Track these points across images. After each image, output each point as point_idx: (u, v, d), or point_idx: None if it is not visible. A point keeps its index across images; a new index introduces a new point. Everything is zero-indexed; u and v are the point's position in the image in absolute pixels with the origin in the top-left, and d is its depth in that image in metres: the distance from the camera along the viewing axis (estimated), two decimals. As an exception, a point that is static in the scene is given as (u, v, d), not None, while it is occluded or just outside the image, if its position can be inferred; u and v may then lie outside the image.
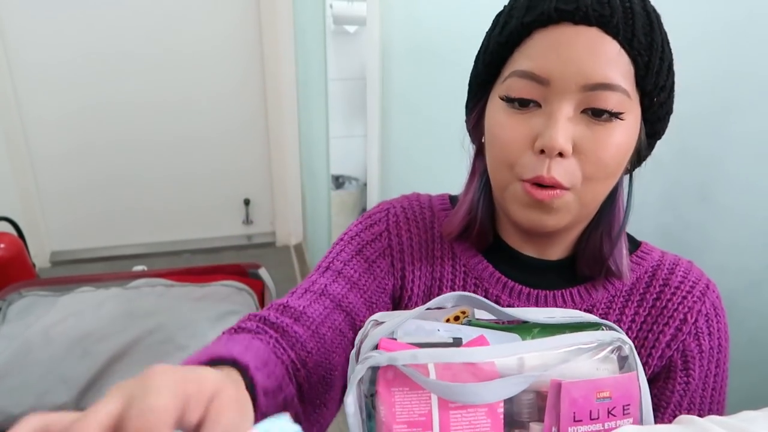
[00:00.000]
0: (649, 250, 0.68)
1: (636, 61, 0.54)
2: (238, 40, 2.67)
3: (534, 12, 0.54)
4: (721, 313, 0.66)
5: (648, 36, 0.54)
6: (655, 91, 0.56)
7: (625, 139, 0.55)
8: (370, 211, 0.72)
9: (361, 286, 0.66)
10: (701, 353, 0.64)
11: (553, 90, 0.53)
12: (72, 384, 1.20)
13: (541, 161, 0.54)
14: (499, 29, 0.57)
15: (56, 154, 2.66)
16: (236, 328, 0.59)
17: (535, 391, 0.46)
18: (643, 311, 0.65)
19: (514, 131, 0.56)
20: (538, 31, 0.54)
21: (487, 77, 0.60)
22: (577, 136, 0.54)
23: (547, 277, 0.66)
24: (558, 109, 0.53)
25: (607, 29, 0.52)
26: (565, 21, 0.53)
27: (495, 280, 0.66)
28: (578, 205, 0.57)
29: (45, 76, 2.53)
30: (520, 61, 0.55)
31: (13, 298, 1.49)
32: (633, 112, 0.55)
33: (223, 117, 2.77)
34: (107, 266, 2.77)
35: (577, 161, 0.55)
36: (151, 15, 2.54)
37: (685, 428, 0.43)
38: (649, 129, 0.59)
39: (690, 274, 0.66)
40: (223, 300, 1.45)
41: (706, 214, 1.56)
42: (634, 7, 0.54)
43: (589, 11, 0.52)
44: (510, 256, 0.67)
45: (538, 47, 0.54)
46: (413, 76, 1.40)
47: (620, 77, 0.53)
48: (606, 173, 0.56)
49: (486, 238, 0.67)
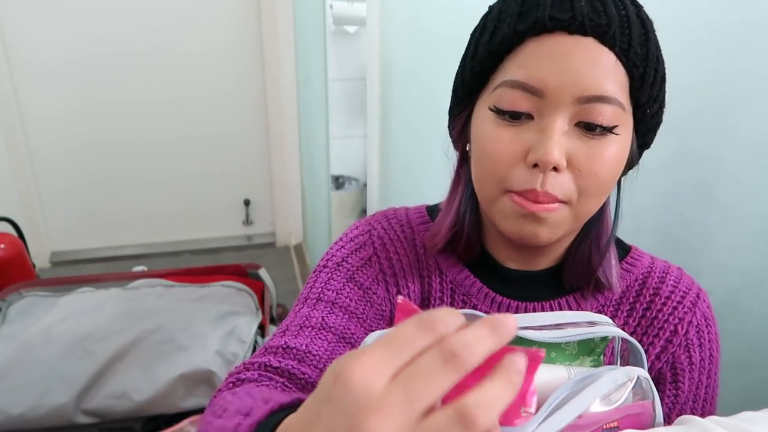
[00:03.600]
0: (638, 256, 0.67)
1: (631, 73, 0.52)
2: (238, 40, 2.67)
3: (527, 20, 0.52)
4: (711, 323, 0.65)
5: (643, 46, 0.52)
6: (649, 102, 0.54)
7: (618, 152, 0.54)
8: (351, 233, 0.68)
9: (359, 315, 0.63)
10: (691, 365, 0.63)
11: (548, 102, 0.51)
12: (72, 384, 1.20)
13: (534, 175, 0.52)
14: (488, 35, 0.55)
15: (56, 155, 2.66)
16: (234, 381, 0.56)
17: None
18: (633, 321, 0.63)
19: (505, 145, 0.53)
20: (530, 40, 0.52)
21: (474, 86, 0.57)
22: (571, 150, 0.52)
23: (535, 288, 0.64)
24: (552, 122, 0.51)
25: (604, 40, 0.51)
26: (559, 30, 0.51)
27: (483, 295, 0.64)
28: (572, 220, 0.56)
29: (45, 76, 2.53)
30: (511, 71, 0.53)
31: (13, 299, 1.49)
32: (626, 125, 0.54)
33: (223, 117, 2.77)
34: (107, 266, 2.77)
35: (572, 176, 0.53)
36: (152, 15, 2.54)
37: (685, 428, 0.43)
38: (640, 140, 0.58)
39: (681, 283, 0.64)
40: (223, 300, 1.45)
41: (706, 213, 1.56)
42: (630, 16, 0.52)
43: (585, 21, 0.50)
44: (495, 269, 0.64)
45: (531, 57, 0.52)
46: (413, 76, 1.40)
47: (616, 89, 0.51)
48: (601, 188, 0.54)
49: (473, 251, 0.64)
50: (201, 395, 1.23)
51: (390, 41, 1.38)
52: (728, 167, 1.50)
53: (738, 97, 1.42)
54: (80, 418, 1.19)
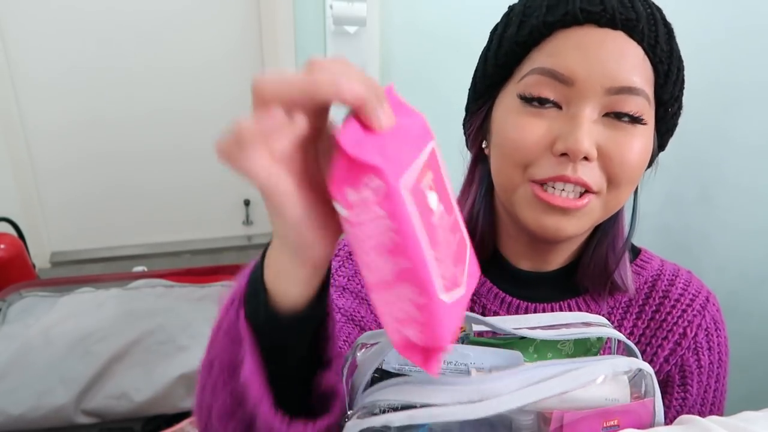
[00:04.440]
0: (648, 258, 0.66)
1: (657, 69, 0.53)
2: (238, 44, 2.67)
3: (556, 12, 0.52)
4: (721, 326, 0.64)
5: (668, 44, 0.53)
6: (671, 101, 0.55)
7: (645, 144, 0.54)
8: None
9: (370, 301, 0.64)
10: (700, 369, 0.62)
11: (577, 91, 0.51)
12: (72, 384, 1.20)
13: (562, 164, 0.52)
14: (515, 28, 0.55)
15: (58, 159, 2.67)
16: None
17: (535, 412, 0.44)
18: (641, 324, 0.63)
19: (531, 131, 0.52)
20: (559, 32, 0.52)
21: (497, 78, 0.57)
22: (600, 139, 0.52)
23: (544, 289, 0.64)
24: (582, 112, 0.51)
25: (633, 34, 0.51)
26: (589, 23, 0.51)
27: (493, 295, 0.64)
28: (602, 211, 0.55)
29: (47, 87, 2.54)
30: (540, 59, 0.53)
31: (13, 299, 1.49)
32: (651, 120, 0.54)
33: (223, 119, 2.77)
34: (107, 267, 2.77)
35: (601, 165, 0.53)
36: (151, 23, 2.55)
37: (686, 428, 0.43)
38: (659, 140, 0.58)
39: (690, 286, 0.64)
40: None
41: (706, 215, 1.56)
42: (656, 15, 0.53)
43: (615, 14, 0.51)
44: (506, 269, 0.64)
45: (561, 47, 0.52)
46: (413, 76, 1.40)
47: (644, 82, 0.52)
48: (631, 176, 0.54)
49: (485, 251, 0.64)
50: (201, 395, 1.23)
51: (390, 41, 1.39)
52: (728, 170, 1.50)
53: (738, 101, 1.42)
54: (80, 418, 1.19)
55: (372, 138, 0.32)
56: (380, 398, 0.41)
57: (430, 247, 0.32)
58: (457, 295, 0.35)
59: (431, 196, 0.34)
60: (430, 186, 0.34)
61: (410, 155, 0.33)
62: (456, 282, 0.35)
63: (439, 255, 0.34)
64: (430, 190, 0.34)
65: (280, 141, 0.30)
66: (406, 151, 0.33)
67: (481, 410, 0.40)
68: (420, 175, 0.33)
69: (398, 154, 0.32)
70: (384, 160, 0.31)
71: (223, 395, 0.43)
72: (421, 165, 0.34)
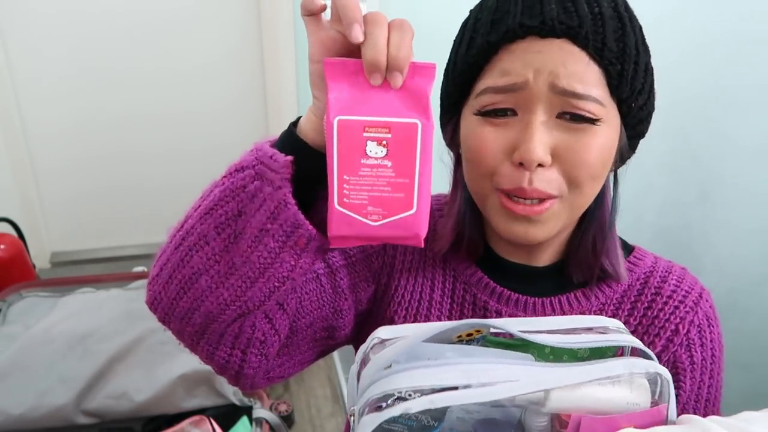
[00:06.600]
0: (642, 255, 0.66)
1: (608, 71, 0.52)
2: (238, 46, 2.67)
3: (499, 29, 0.53)
4: (714, 323, 0.64)
5: (620, 42, 0.52)
6: (632, 96, 0.54)
7: (605, 142, 0.54)
8: None
9: (351, 257, 0.66)
10: (693, 365, 0.62)
11: (527, 95, 0.52)
12: (72, 384, 1.20)
13: (521, 173, 0.53)
14: (466, 47, 0.56)
15: (58, 160, 2.67)
16: None
17: (549, 414, 0.43)
18: (633, 320, 0.63)
19: (490, 142, 0.54)
20: (504, 47, 0.53)
21: (458, 96, 0.58)
22: (555, 142, 0.52)
23: (538, 284, 0.64)
24: (534, 116, 0.52)
25: (576, 41, 0.51)
26: (531, 35, 0.52)
27: (483, 285, 0.64)
28: (568, 212, 0.56)
29: (47, 89, 2.55)
30: (492, 78, 0.54)
31: (14, 299, 1.49)
32: (610, 118, 0.54)
33: (225, 124, 2.77)
34: (107, 267, 2.77)
35: (560, 168, 0.53)
36: (152, 28, 2.55)
37: (686, 428, 0.43)
38: (631, 132, 0.58)
39: (683, 283, 0.64)
40: (224, 301, 1.45)
41: (706, 215, 1.57)
42: (604, 12, 0.52)
43: (555, 24, 0.51)
44: (499, 264, 0.65)
45: (508, 63, 0.53)
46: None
47: (592, 87, 0.51)
48: (592, 176, 0.54)
49: (477, 250, 0.65)
50: (201, 396, 1.23)
51: (390, 42, 1.38)
52: (728, 169, 1.51)
53: (738, 101, 1.43)
54: (80, 418, 1.19)
55: (357, 82, 0.44)
56: (391, 387, 0.42)
57: (339, 169, 0.44)
58: (354, 217, 0.46)
59: (371, 145, 0.44)
60: (379, 140, 0.44)
61: (373, 111, 0.44)
62: (363, 213, 0.46)
63: (351, 181, 0.44)
64: (373, 141, 0.44)
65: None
66: (373, 108, 0.44)
67: (498, 393, 0.41)
68: (369, 126, 0.43)
69: (361, 104, 0.43)
70: (338, 96, 0.43)
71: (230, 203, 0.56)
72: (380, 122, 0.44)
